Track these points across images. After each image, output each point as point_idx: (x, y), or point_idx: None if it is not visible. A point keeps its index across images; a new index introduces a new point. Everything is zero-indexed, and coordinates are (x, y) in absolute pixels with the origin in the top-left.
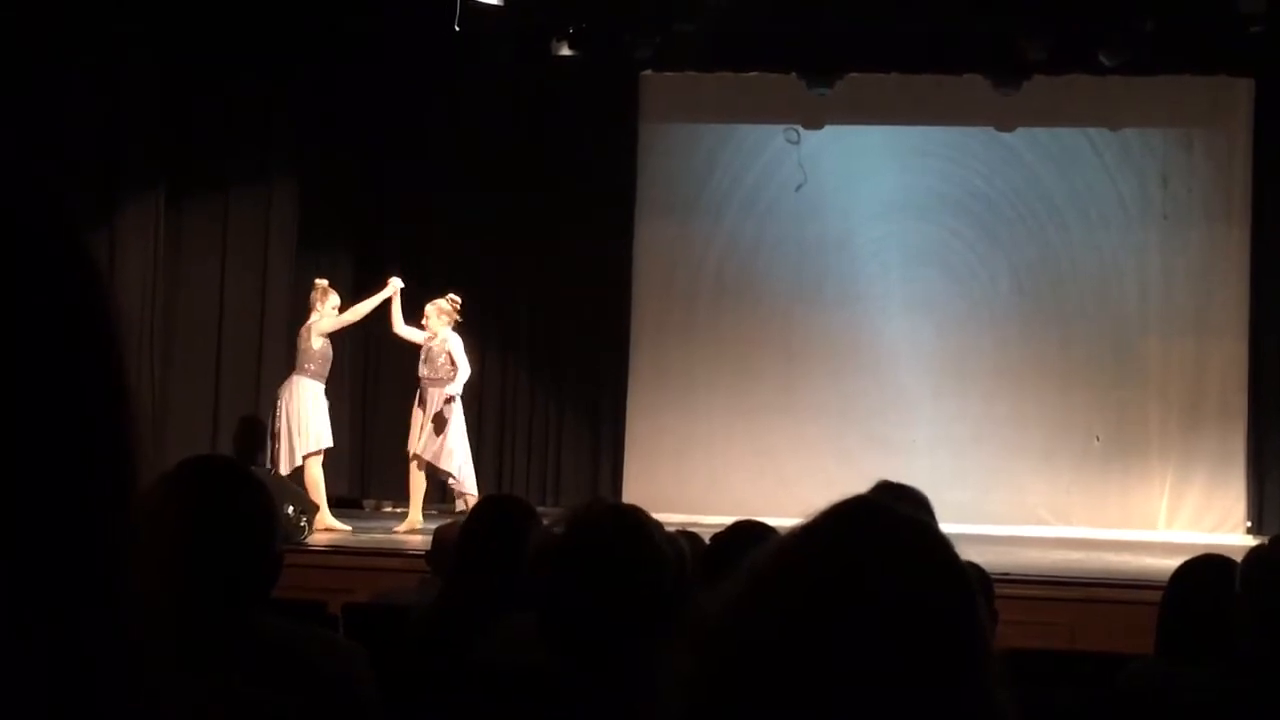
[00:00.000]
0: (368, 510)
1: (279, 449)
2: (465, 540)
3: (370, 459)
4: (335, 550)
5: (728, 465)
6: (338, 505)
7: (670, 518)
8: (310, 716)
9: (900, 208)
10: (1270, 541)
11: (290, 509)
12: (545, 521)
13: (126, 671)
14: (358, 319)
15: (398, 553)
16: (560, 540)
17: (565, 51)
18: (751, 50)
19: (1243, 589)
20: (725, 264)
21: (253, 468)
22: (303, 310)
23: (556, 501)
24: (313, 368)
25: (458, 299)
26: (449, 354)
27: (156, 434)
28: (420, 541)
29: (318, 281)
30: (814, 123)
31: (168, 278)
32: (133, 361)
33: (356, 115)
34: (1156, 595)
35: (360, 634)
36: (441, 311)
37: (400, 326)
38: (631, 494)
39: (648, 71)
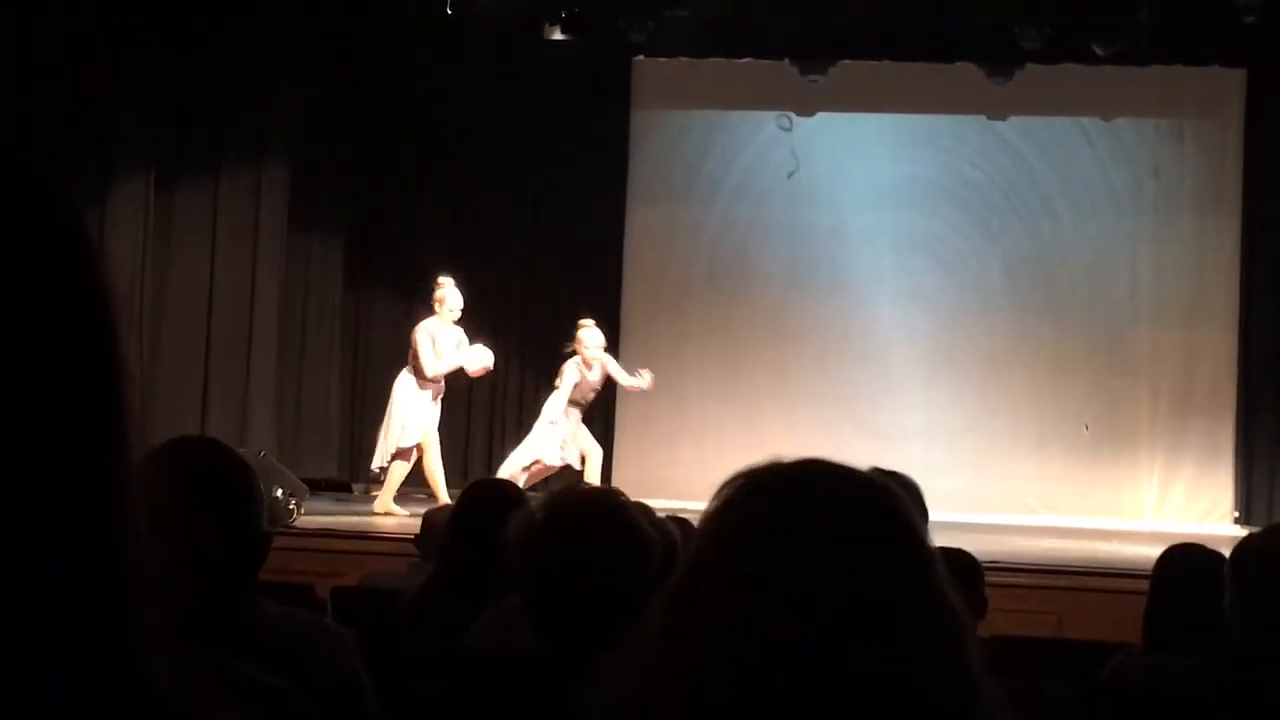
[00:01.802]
0: (357, 494)
1: (378, 440)
2: (454, 525)
3: (361, 443)
4: (324, 533)
5: (718, 451)
6: (327, 489)
7: (660, 503)
8: (302, 700)
9: (892, 196)
10: (1261, 532)
11: (279, 491)
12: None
13: (128, 653)
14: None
15: (386, 536)
16: (540, 524)
17: (557, 36)
18: (745, 37)
19: (1233, 579)
20: (717, 250)
21: (240, 449)
22: (293, 292)
23: (545, 484)
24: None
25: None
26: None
27: (145, 416)
28: (409, 525)
29: (441, 279)
30: (806, 110)
31: (157, 259)
32: (124, 343)
33: (348, 99)
34: (1144, 584)
35: (348, 618)
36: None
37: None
38: (621, 479)
39: (640, 57)
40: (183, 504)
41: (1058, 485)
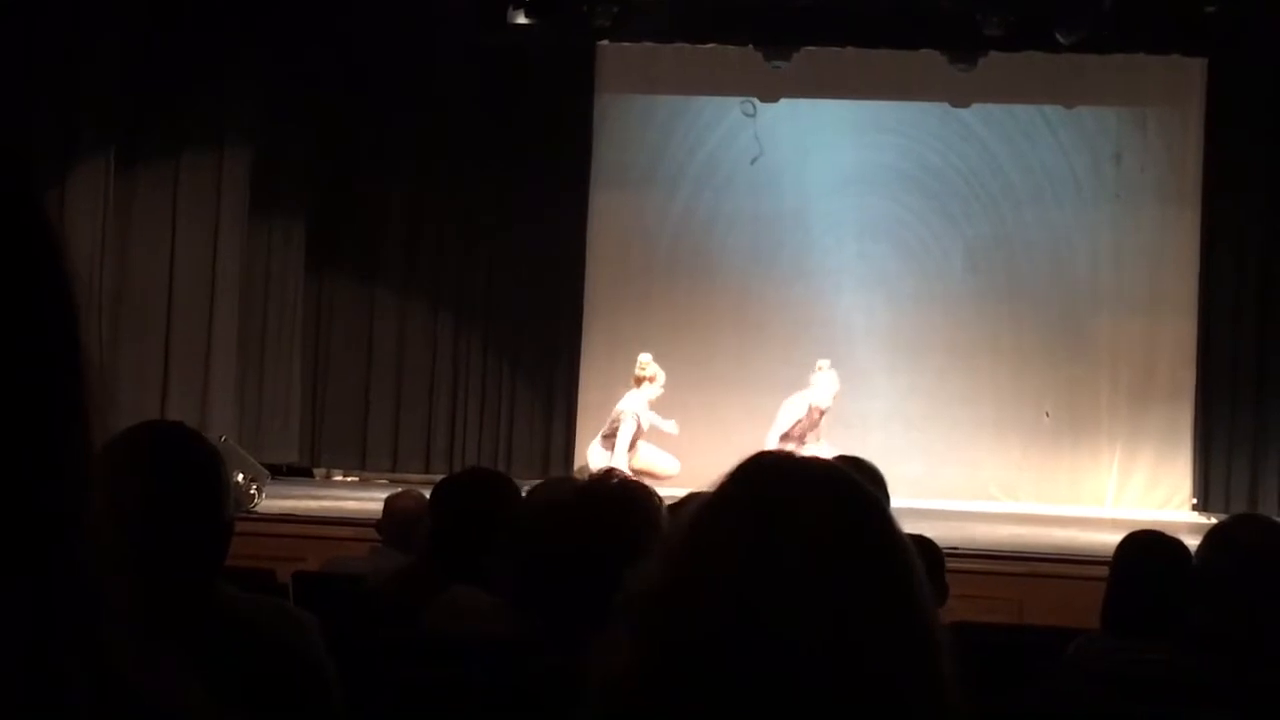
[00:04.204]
0: (318, 479)
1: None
2: (435, 514)
3: (321, 428)
4: (285, 518)
5: (681, 437)
6: (289, 473)
7: None
8: (269, 685)
9: (855, 182)
10: (1231, 520)
11: (241, 476)
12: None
13: (91, 641)
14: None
15: (347, 521)
16: (570, 512)
17: (522, 20)
18: (709, 22)
19: (1201, 566)
20: (680, 236)
21: (204, 434)
22: (254, 275)
23: (508, 470)
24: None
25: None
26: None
27: (107, 402)
28: (371, 509)
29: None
30: (770, 96)
31: (117, 243)
32: (85, 328)
33: (312, 81)
34: (1103, 571)
35: (309, 603)
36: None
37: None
38: (583, 463)
39: (605, 42)
40: (149, 489)
41: (1018, 472)
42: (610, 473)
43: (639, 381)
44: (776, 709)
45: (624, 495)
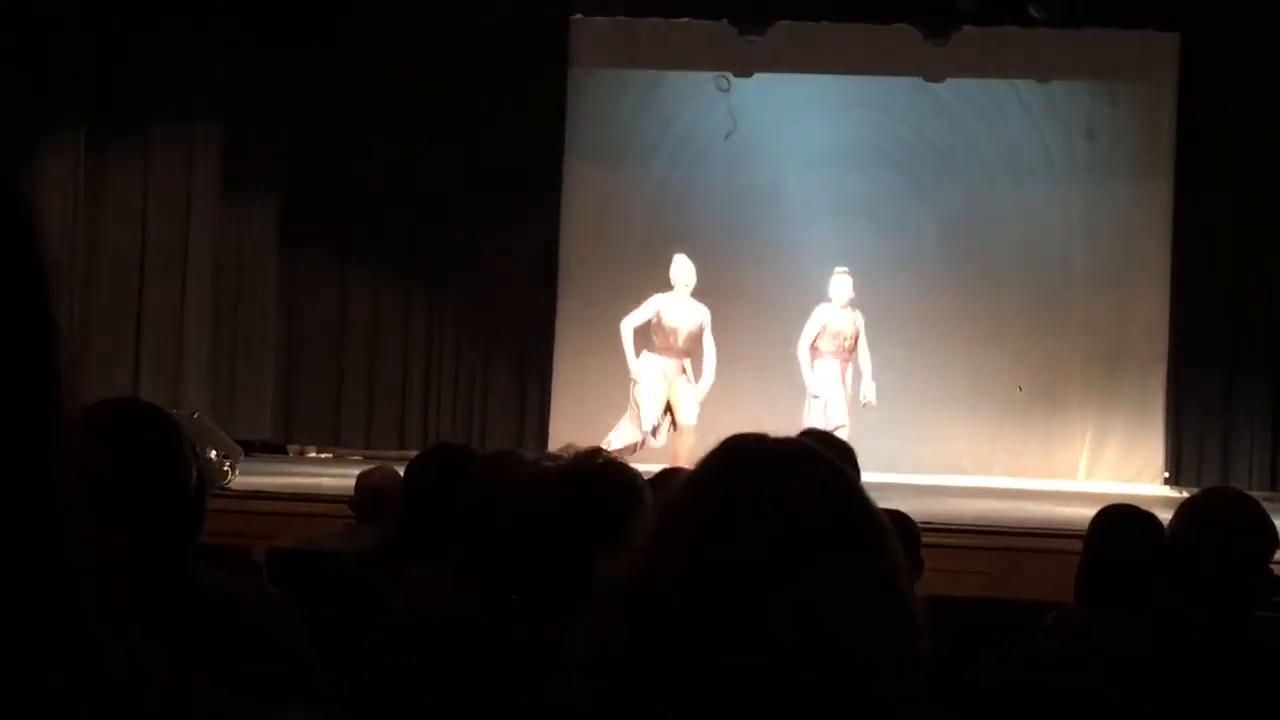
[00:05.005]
0: (291, 456)
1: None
2: (409, 488)
3: (295, 404)
4: (259, 495)
5: None
6: (262, 450)
7: None
8: (244, 665)
9: (829, 157)
10: (1203, 493)
11: (214, 453)
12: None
13: (71, 623)
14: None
15: (321, 498)
16: (550, 489)
17: None
18: None
19: (1174, 540)
20: (654, 210)
21: (174, 411)
22: (227, 251)
23: (482, 445)
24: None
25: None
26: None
27: (78, 378)
28: (344, 486)
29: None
30: (744, 70)
31: (89, 220)
32: (57, 305)
33: (285, 58)
34: (1077, 545)
35: (284, 580)
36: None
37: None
38: (557, 439)
39: (578, 15)
40: (112, 466)
41: (990, 446)
42: (595, 451)
43: None
44: (755, 690)
45: (608, 476)
